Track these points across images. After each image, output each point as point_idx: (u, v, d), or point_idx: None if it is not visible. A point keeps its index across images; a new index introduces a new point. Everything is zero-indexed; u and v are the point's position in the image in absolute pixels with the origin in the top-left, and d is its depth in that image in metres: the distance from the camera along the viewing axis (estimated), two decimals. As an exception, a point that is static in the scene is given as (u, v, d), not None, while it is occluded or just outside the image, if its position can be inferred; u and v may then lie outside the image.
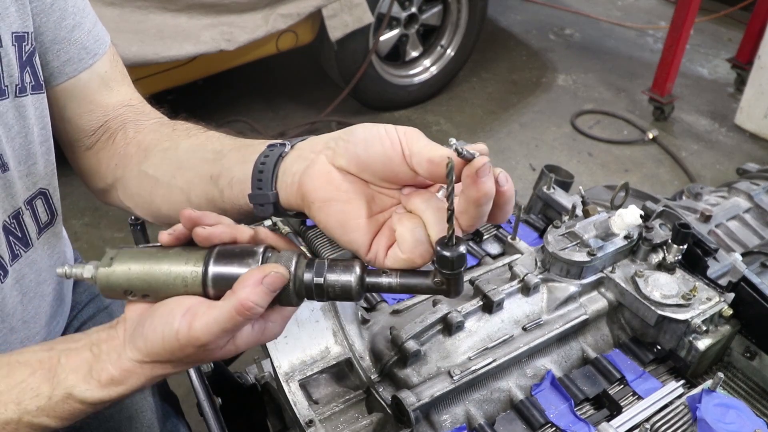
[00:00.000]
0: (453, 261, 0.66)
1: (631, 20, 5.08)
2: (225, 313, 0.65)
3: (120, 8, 2.51)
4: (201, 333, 0.65)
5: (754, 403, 1.15)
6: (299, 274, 0.69)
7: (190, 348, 0.66)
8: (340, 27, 3.10)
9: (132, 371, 0.69)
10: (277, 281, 0.66)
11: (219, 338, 0.66)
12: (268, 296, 0.66)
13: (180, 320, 0.66)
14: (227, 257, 0.68)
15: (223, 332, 0.65)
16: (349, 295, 0.69)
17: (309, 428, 1.02)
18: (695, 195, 1.75)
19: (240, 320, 0.65)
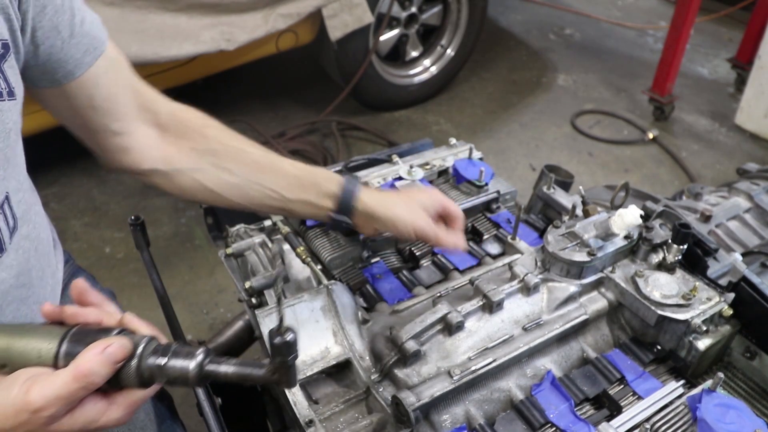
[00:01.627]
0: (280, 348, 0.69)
1: (631, 20, 5.08)
2: (62, 379, 0.66)
3: (120, 8, 2.51)
4: (36, 397, 0.65)
5: (754, 403, 1.15)
6: (145, 354, 0.71)
7: (24, 414, 0.66)
8: (340, 27, 3.10)
9: None
10: (118, 352, 0.68)
11: (53, 405, 0.66)
12: (107, 367, 0.68)
13: (20, 386, 0.66)
14: (83, 335, 0.71)
15: (57, 399, 0.66)
16: (186, 380, 0.71)
17: (309, 428, 1.02)
18: (695, 195, 1.75)
19: (76, 387, 0.66)
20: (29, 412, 0.66)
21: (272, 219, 1.47)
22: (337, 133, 3.52)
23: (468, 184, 1.52)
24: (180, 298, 2.58)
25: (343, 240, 1.36)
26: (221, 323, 2.45)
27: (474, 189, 1.51)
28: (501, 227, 1.48)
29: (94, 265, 2.71)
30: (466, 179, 1.52)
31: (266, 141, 3.33)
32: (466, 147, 1.66)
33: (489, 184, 1.53)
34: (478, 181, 1.50)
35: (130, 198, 3.12)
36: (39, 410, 0.66)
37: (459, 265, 1.37)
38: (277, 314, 0.73)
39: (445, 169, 1.59)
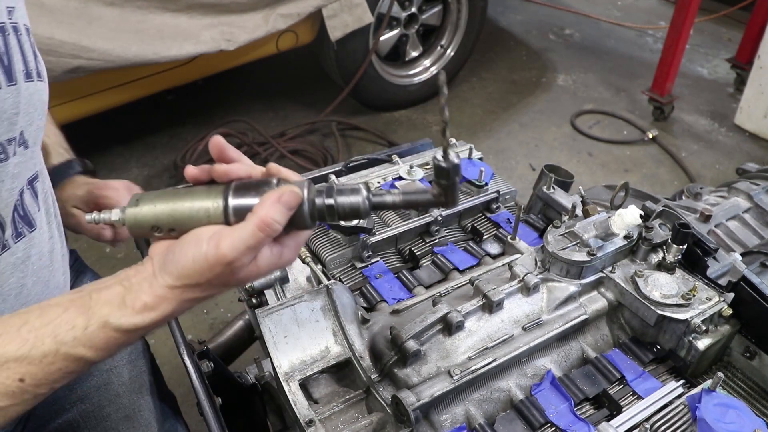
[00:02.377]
0: (449, 171, 0.74)
1: (631, 20, 5.08)
2: (248, 230, 0.71)
3: (120, 8, 2.51)
4: (228, 250, 0.70)
5: (754, 402, 1.15)
6: (311, 197, 0.75)
7: (219, 267, 0.70)
8: (340, 27, 3.10)
9: (164, 297, 0.73)
10: (292, 199, 0.73)
11: (244, 255, 0.71)
12: (285, 213, 0.72)
13: (208, 242, 0.71)
14: (245, 189, 0.75)
15: (247, 249, 0.71)
16: (357, 213, 0.76)
17: (309, 428, 1.02)
18: (695, 195, 1.75)
19: (261, 236, 0.71)
20: (223, 264, 0.70)
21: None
22: (337, 133, 3.52)
23: (468, 184, 1.52)
24: (180, 298, 2.58)
25: (343, 240, 1.36)
26: (221, 323, 2.45)
27: (474, 189, 1.51)
28: (501, 227, 1.48)
29: (94, 265, 2.69)
30: (466, 179, 1.52)
31: (266, 141, 3.33)
32: (466, 147, 1.66)
33: (489, 184, 1.53)
34: (478, 181, 1.50)
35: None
36: (232, 261, 0.70)
37: (459, 265, 1.37)
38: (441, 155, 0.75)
39: (445, 169, 1.59)
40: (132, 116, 3.45)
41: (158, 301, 0.73)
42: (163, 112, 3.64)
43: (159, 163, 3.35)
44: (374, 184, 1.51)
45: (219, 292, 0.77)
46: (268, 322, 1.12)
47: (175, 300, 0.74)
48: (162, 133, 3.54)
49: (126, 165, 3.31)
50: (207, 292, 0.75)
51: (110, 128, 3.43)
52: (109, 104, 2.89)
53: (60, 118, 2.70)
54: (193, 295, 0.74)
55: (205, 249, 0.71)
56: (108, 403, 1.16)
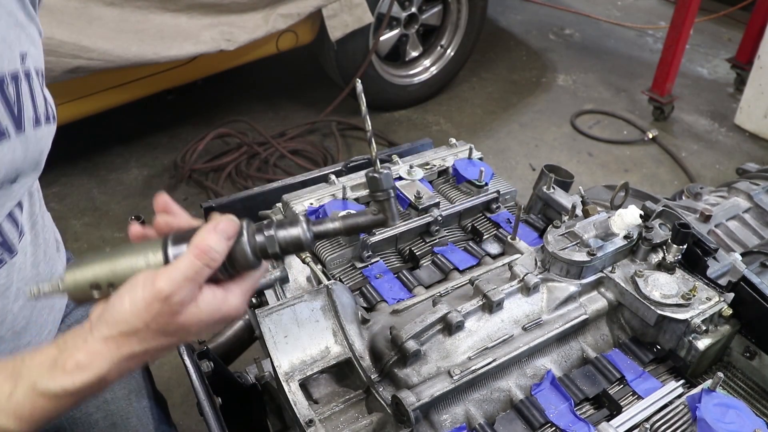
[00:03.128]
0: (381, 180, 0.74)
1: (631, 20, 5.08)
2: (185, 261, 0.68)
3: (120, 8, 2.51)
4: (164, 284, 0.66)
5: (754, 402, 1.15)
6: (251, 230, 0.73)
7: (156, 303, 0.66)
8: (340, 27, 3.10)
9: (98, 352, 0.68)
10: (229, 227, 0.71)
11: (182, 287, 0.67)
12: (223, 242, 0.70)
13: (143, 282, 0.68)
14: (184, 237, 0.73)
15: (185, 280, 0.67)
16: (299, 245, 0.74)
17: (309, 428, 1.02)
18: (695, 195, 1.75)
19: (199, 265, 0.68)
20: (160, 300, 0.66)
21: (272, 219, 1.47)
22: (337, 133, 3.52)
23: (468, 184, 1.52)
24: (180, 298, 2.58)
25: (343, 240, 1.36)
26: (221, 323, 2.45)
27: (474, 189, 1.51)
28: (501, 227, 1.48)
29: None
30: (466, 179, 1.52)
31: (266, 141, 3.33)
32: (466, 147, 1.66)
33: (489, 184, 1.53)
34: (478, 181, 1.50)
35: (130, 198, 3.12)
36: (170, 296, 0.67)
37: (459, 265, 1.37)
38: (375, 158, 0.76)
39: (445, 169, 1.59)
40: (132, 116, 3.45)
41: (91, 358, 0.67)
42: (163, 112, 3.64)
43: (159, 163, 3.36)
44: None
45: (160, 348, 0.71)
46: (268, 322, 1.12)
47: (111, 355, 0.68)
48: (162, 133, 3.54)
49: (126, 165, 3.31)
50: (147, 344, 0.69)
51: (110, 128, 3.44)
52: (109, 104, 2.89)
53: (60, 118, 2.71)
54: (131, 348, 0.68)
55: (140, 288, 0.67)
56: (95, 410, 1.15)
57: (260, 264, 0.75)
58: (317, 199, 1.45)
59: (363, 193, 1.50)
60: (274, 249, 0.74)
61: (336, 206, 1.39)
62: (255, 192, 1.55)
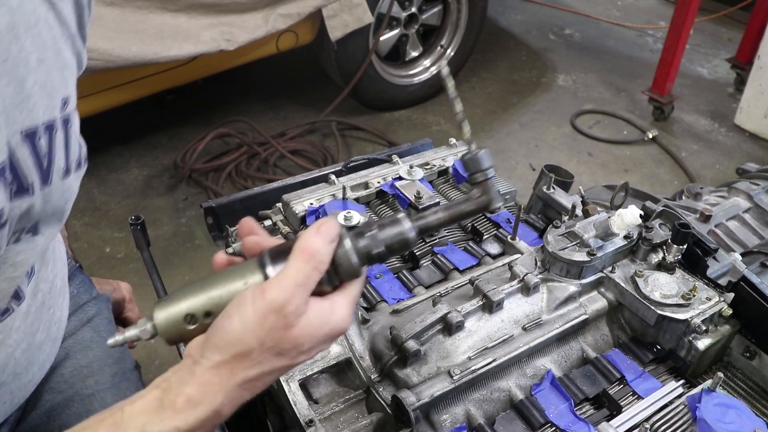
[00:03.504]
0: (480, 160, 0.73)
1: (631, 20, 5.08)
2: (292, 266, 0.63)
3: (120, 8, 2.51)
4: (275, 294, 0.62)
5: (754, 402, 1.15)
6: (352, 235, 0.69)
7: (271, 316, 0.61)
8: (340, 27, 3.10)
9: (210, 383, 0.62)
10: (331, 229, 0.66)
11: (294, 296, 0.62)
12: (327, 244, 0.65)
13: (252, 297, 0.62)
14: (281, 253, 0.68)
15: (296, 287, 0.62)
16: (406, 243, 0.70)
17: (309, 428, 1.02)
18: (695, 195, 1.75)
19: (308, 268, 0.63)
20: (275, 311, 0.62)
21: (272, 219, 1.47)
22: (337, 133, 3.52)
23: (468, 184, 1.52)
24: (180, 298, 2.58)
25: (343, 240, 1.36)
26: (221, 323, 2.45)
27: (474, 189, 1.51)
28: (501, 227, 1.48)
29: (94, 265, 2.71)
30: (466, 179, 1.52)
31: (266, 141, 3.33)
32: (466, 147, 1.66)
33: (489, 184, 1.53)
34: (478, 181, 1.50)
35: (130, 198, 3.12)
36: (284, 305, 0.62)
37: (459, 265, 1.37)
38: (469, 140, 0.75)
39: (445, 169, 1.59)
40: (132, 116, 3.45)
41: (204, 390, 0.62)
42: (163, 112, 3.64)
43: (159, 163, 3.36)
44: (374, 184, 1.51)
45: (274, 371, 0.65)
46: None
47: (225, 383, 0.63)
48: (162, 133, 3.54)
49: (126, 165, 3.31)
50: (261, 366, 0.64)
51: (110, 128, 3.43)
52: (109, 104, 2.89)
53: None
54: (246, 372, 0.63)
55: (250, 303, 0.62)
56: None
57: (363, 271, 0.71)
58: (317, 199, 1.45)
59: (363, 193, 1.50)
60: (379, 249, 0.69)
61: (336, 206, 1.39)
62: (255, 192, 1.55)
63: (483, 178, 0.74)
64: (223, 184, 3.16)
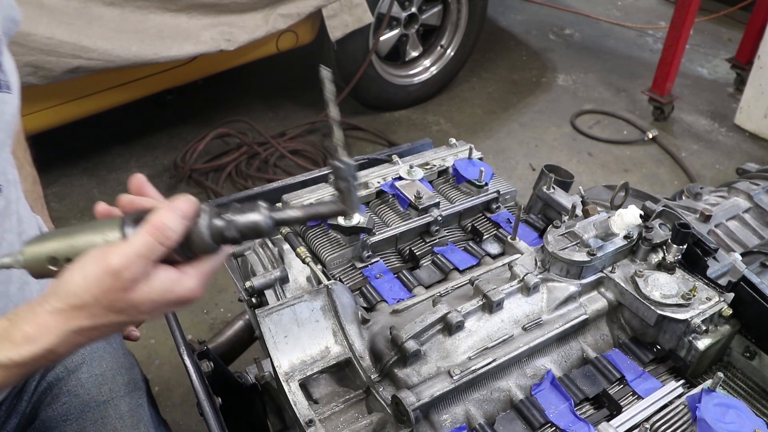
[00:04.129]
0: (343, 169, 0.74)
1: (631, 20, 5.08)
2: (138, 237, 0.67)
3: (120, 8, 2.51)
4: (115, 258, 0.66)
5: (754, 402, 1.15)
6: (210, 215, 0.72)
7: (107, 278, 0.66)
8: (340, 27, 3.10)
9: (47, 325, 0.68)
10: (187, 207, 0.70)
11: (133, 264, 0.67)
12: (179, 221, 0.69)
13: (96, 256, 0.67)
14: (142, 216, 0.72)
15: (137, 256, 0.67)
16: (259, 231, 0.74)
17: (309, 428, 1.02)
18: (695, 195, 1.75)
19: (152, 242, 0.67)
20: (111, 274, 0.66)
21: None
22: (337, 133, 3.52)
23: (468, 184, 1.52)
24: (180, 298, 2.58)
25: (343, 240, 1.36)
26: (221, 323, 2.45)
27: (474, 189, 1.51)
28: (501, 227, 1.48)
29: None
30: (466, 179, 1.52)
31: (266, 141, 3.33)
32: (466, 147, 1.66)
33: (489, 184, 1.53)
34: (478, 181, 1.50)
35: (130, 198, 3.12)
36: (120, 271, 0.66)
37: (459, 265, 1.37)
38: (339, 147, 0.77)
39: (445, 169, 1.59)
40: (132, 116, 3.45)
41: (40, 331, 0.68)
42: (163, 112, 3.64)
43: (159, 163, 3.36)
44: (374, 184, 1.51)
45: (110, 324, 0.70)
46: (268, 322, 1.12)
47: (60, 328, 0.68)
48: (162, 133, 3.54)
49: (126, 165, 3.31)
50: (96, 319, 0.69)
51: (110, 128, 3.43)
52: (109, 104, 2.89)
53: (60, 118, 2.71)
54: (80, 322, 0.68)
55: (92, 262, 0.67)
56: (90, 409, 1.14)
57: (219, 248, 0.74)
58: (317, 199, 1.45)
59: (363, 192, 1.50)
60: (231, 233, 0.73)
61: (336, 206, 1.39)
62: (255, 192, 1.56)
63: (344, 187, 0.77)
64: (223, 184, 3.16)
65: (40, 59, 2.28)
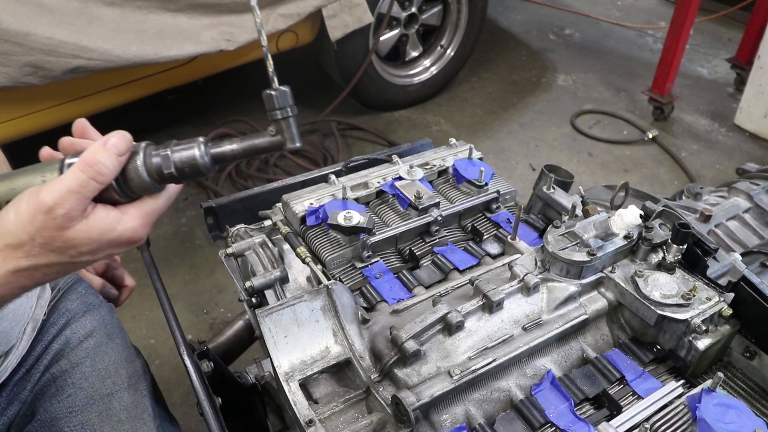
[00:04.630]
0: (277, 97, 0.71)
1: (631, 20, 5.08)
2: (70, 173, 0.67)
3: (120, 8, 2.51)
4: (47, 195, 0.65)
5: (754, 402, 1.15)
6: (147, 152, 0.72)
7: (39, 215, 0.65)
8: (340, 27, 3.10)
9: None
10: (120, 142, 0.70)
11: (66, 200, 0.66)
12: (113, 158, 0.68)
13: (29, 195, 0.67)
14: None
15: (69, 192, 0.66)
16: (197, 167, 0.72)
17: (309, 428, 1.02)
18: (695, 195, 1.75)
19: (84, 178, 0.66)
20: (43, 212, 0.65)
21: (272, 219, 1.47)
22: (337, 133, 3.52)
23: (468, 184, 1.52)
24: (180, 298, 2.58)
25: (343, 240, 1.36)
26: (221, 323, 2.46)
27: (474, 189, 1.51)
28: (501, 227, 1.48)
29: (94, 265, 2.71)
30: (466, 179, 1.52)
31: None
32: (466, 147, 1.66)
33: (489, 184, 1.53)
34: (478, 181, 1.51)
35: (130, 198, 3.12)
36: (52, 208, 0.65)
37: (459, 265, 1.37)
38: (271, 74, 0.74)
39: (445, 169, 1.59)
40: (132, 116, 3.45)
41: None
42: (163, 112, 3.64)
43: (159, 163, 3.35)
44: (374, 184, 1.51)
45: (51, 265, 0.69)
46: (268, 322, 1.12)
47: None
48: (162, 133, 3.54)
49: (126, 165, 3.31)
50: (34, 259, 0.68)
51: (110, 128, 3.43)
52: (109, 104, 2.89)
53: (60, 118, 2.71)
54: (17, 262, 0.68)
55: (25, 201, 0.67)
56: (111, 430, 1.14)
57: (160, 188, 0.74)
58: (317, 199, 1.45)
59: (363, 192, 1.50)
60: (169, 170, 0.72)
61: (336, 206, 1.39)
62: (255, 192, 1.56)
63: (281, 117, 0.73)
64: (223, 184, 3.16)
65: (40, 59, 2.28)
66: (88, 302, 1.27)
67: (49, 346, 1.16)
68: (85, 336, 1.21)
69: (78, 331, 1.21)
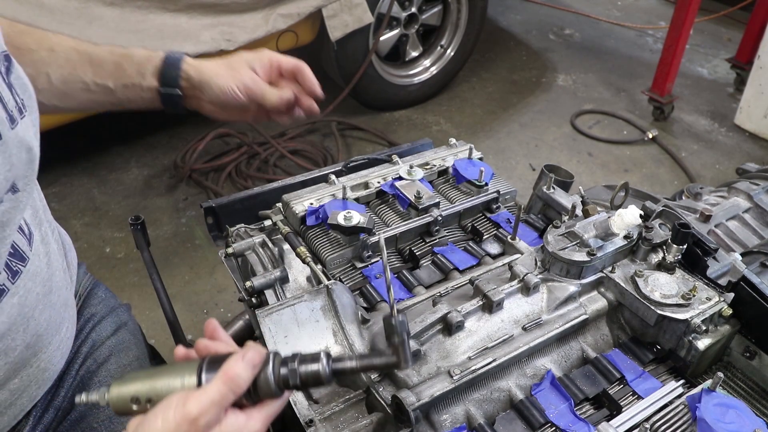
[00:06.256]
0: (397, 326, 0.85)
1: (631, 20, 5.08)
2: (213, 386, 0.75)
3: (120, 8, 2.51)
4: (193, 407, 0.73)
5: (754, 402, 1.15)
6: (276, 363, 0.80)
7: (185, 424, 0.72)
8: (340, 27, 3.10)
9: None
10: (255, 356, 0.78)
11: (208, 411, 0.73)
12: (249, 370, 0.77)
13: (176, 403, 0.74)
14: (217, 361, 0.80)
15: (212, 404, 0.73)
16: (319, 381, 0.82)
17: (309, 428, 1.02)
18: (695, 195, 1.75)
19: (225, 390, 0.74)
20: (189, 421, 0.73)
21: (272, 219, 1.47)
22: (337, 133, 3.52)
23: (468, 184, 1.52)
24: (180, 298, 2.58)
25: (343, 240, 1.36)
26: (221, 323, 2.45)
27: (474, 189, 1.51)
28: (501, 227, 1.48)
29: (95, 265, 2.71)
30: (466, 179, 1.52)
31: (266, 141, 3.33)
32: (466, 147, 1.66)
33: (489, 184, 1.53)
34: (478, 181, 1.51)
35: (130, 198, 3.12)
36: (197, 419, 0.73)
37: (459, 265, 1.37)
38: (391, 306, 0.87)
39: (445, 169, 1.59)
40: (132, 116, 3.45)
41: None
42: (163, 112, 3.64)
43: (159, 163, 3.36)
44: (374, 184, 1.51)
45: None
46: (268, 322, 1.12)
47: None
48: (162, 133, 3.55)
49: (126, 165, 3.31)
50: None
51: (110, 128, 3.44)
52: (109, 104, 2.88)
53: (61, 119, 2.71)
54: None
55: (173, 408, 0.73)
56: None
57: (282, 394, 0.81)
58: (317, 199, 1.45)
59: (363, 193, 1.50)
60: (295, 381, 0.80)
61: (336, 206, 1.39)
62: (255, 192, 1.56)
63: (398, 342, 0.85)
64: (223, 184, 3.16)
65: (40, 59, 2.28)
66: (109, 305, 1.29)
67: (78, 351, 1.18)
68: (107, 336, 1.24)
69: (102, 332, 1.24)
